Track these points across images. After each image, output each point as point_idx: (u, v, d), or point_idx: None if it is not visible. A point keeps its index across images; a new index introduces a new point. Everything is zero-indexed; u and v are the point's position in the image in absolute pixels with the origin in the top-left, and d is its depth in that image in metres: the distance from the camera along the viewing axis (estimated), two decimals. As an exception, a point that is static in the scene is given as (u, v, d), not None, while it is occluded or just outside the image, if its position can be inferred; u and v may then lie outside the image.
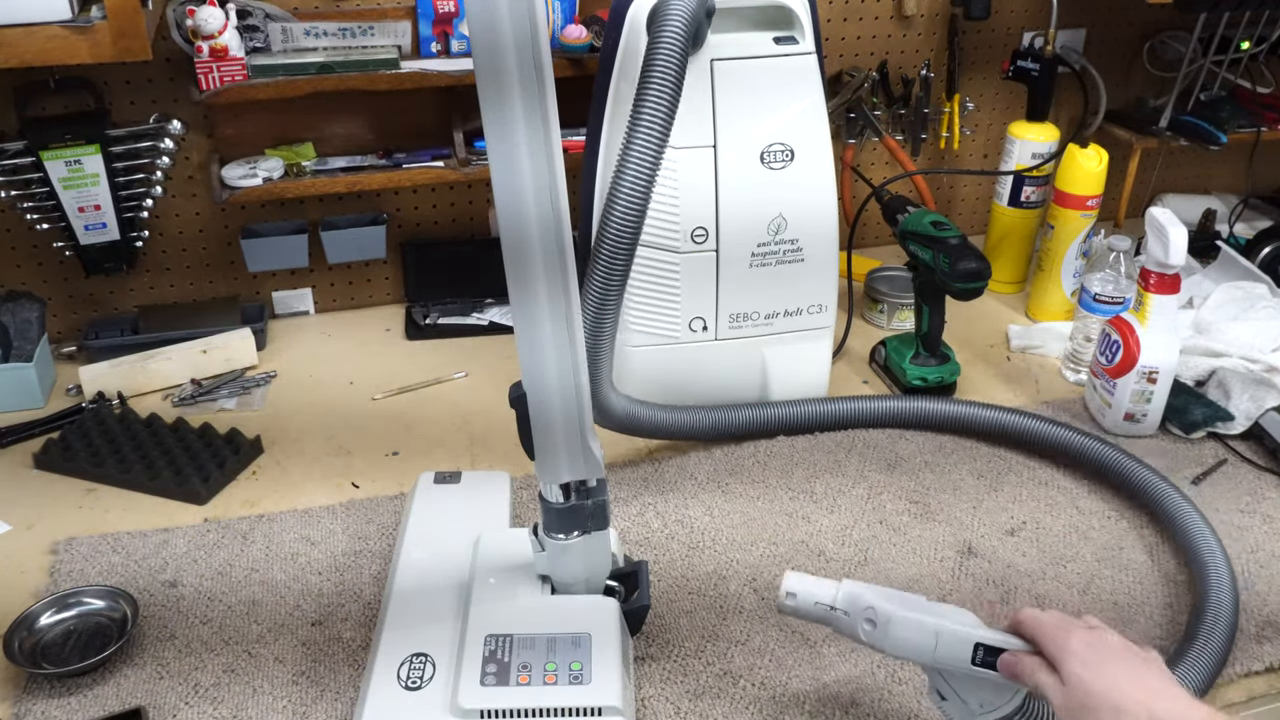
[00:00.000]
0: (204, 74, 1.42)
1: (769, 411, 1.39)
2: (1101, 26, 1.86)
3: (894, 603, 0.89)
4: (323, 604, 1.14)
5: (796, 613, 0.93)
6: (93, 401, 1.47)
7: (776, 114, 1.31)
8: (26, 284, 1.58)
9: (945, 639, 0.86)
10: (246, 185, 1.52)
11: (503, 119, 0.81)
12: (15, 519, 1.27)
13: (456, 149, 1.58)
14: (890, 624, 0.88)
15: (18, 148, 1.43)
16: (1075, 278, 1.68)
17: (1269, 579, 1.18)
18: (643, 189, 1.09)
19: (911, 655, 0.88)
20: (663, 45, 1.09)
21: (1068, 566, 1.21)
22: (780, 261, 1.35)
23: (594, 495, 1.00)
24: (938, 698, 0.90)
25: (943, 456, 1.38)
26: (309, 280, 1.71)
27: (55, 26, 1.18)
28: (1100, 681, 0.78)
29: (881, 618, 0.88)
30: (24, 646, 1.07)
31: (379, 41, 1.54)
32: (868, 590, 0.90)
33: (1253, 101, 1.88)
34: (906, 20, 1.76)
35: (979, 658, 0.86)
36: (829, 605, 0.91)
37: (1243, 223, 1.93)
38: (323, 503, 1.30)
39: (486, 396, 1.51)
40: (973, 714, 0.88)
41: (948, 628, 0.87)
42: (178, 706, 1.02)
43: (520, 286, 0.88)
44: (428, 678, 0.95)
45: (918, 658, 0.88)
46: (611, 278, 1.13)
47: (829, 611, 0.91)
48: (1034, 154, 1.69)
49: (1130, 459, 1.29)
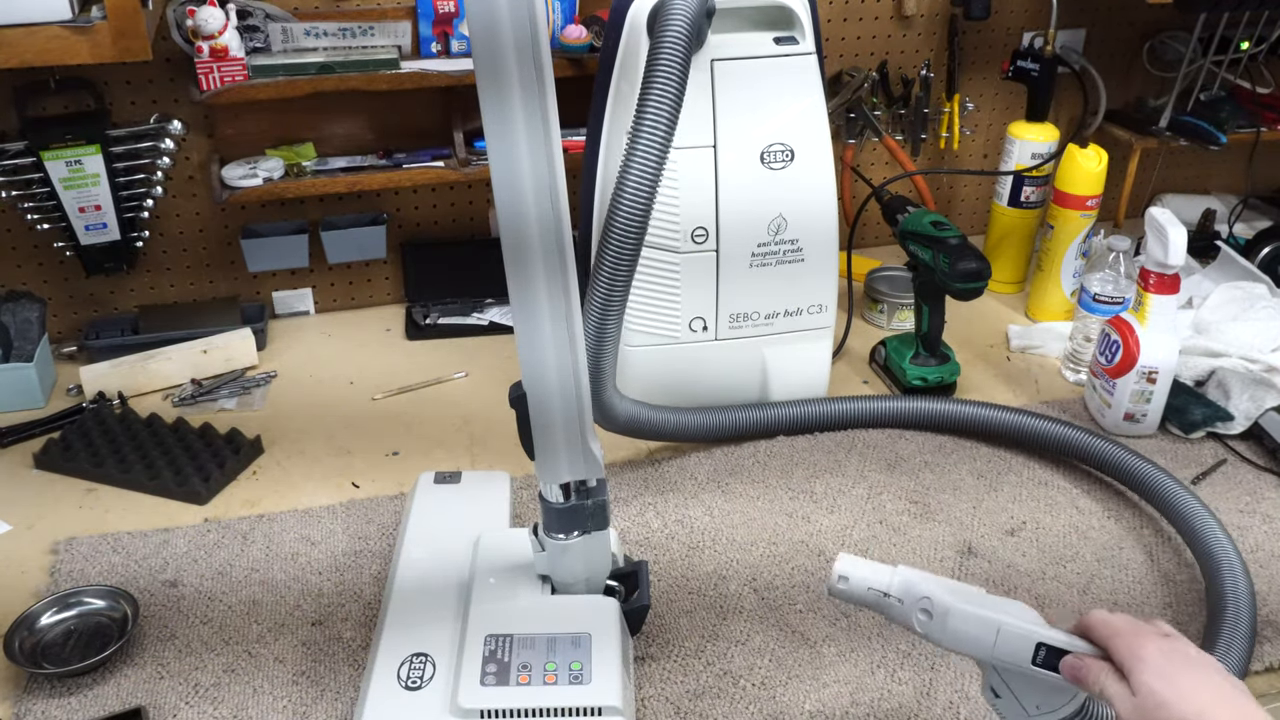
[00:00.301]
0: (204, 74, 1.42)
1: (769, 412, 1.39)
2: (1101, 26, 1.86)
3: (952, 594, 0.84)
4: (323, 604, 1.14)
5: (847, 597, 0.88)
6: (93, 401, 1.48)
7: (776, 114, 1.31)
8: (27, 284, 1.58)
9: (1006, 636, 0.82)
10: (247, 185, 1.52)
11: (502, 118, 0.81)
12: (16, 519, 1.27)
13: (456, 149, 1.58)
14: (949, 616, 0.83)
15: (18, 148, 1.43)
16: (1075, 278, 1.68)
17: (1269, 579, 1.18)
18: (647, 191, 1.09)
19: (968, 650, 0.84)
20: (666, 46, 1.09)
21: (1067, 566, 1.21)
22: (780, 261, 1.35)
23: (594, 495, 1.00)
24: (991, 694, 0.86)
25: (943, 456, 1.38)
26: (309, 280, 1.71)
27: (55, 26, 1.18)
28: (1173, 693, 0.73)
29: (939, 609, 0.84)
30: (24, 646, 1.07)
31: (379, 41, 1.54)
32: (924, 578, 0.86)
33: (1252, 101, 1.88)
34: (906, 20, 1.77)
35: (1040, 658, 0.82)
36: (882, 592, 0.86)
37: (1242, 223, 1.93)
38: (323, 503, 1.30)
39: (486, 396, 1.51)
40: (1027, 714, 0.85)
41: (1009, 624, 0.82)
42: (178, 706, 1.02)
43: (520, 286, 0.88)
44: (428, 678, 0.95)
45: (975, 653, 0.84)
46: (616, 280, 1.13)
47: (881, 598, 0.87)
48: (1034, 154, 1.69)
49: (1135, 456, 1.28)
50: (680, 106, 1.10)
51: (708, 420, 1.36)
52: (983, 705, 1.03)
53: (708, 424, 1.36)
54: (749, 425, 1.38)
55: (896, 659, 1.08)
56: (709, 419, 1.36)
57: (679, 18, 1.10)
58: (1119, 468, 1.29)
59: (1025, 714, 0.85)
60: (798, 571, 1.19)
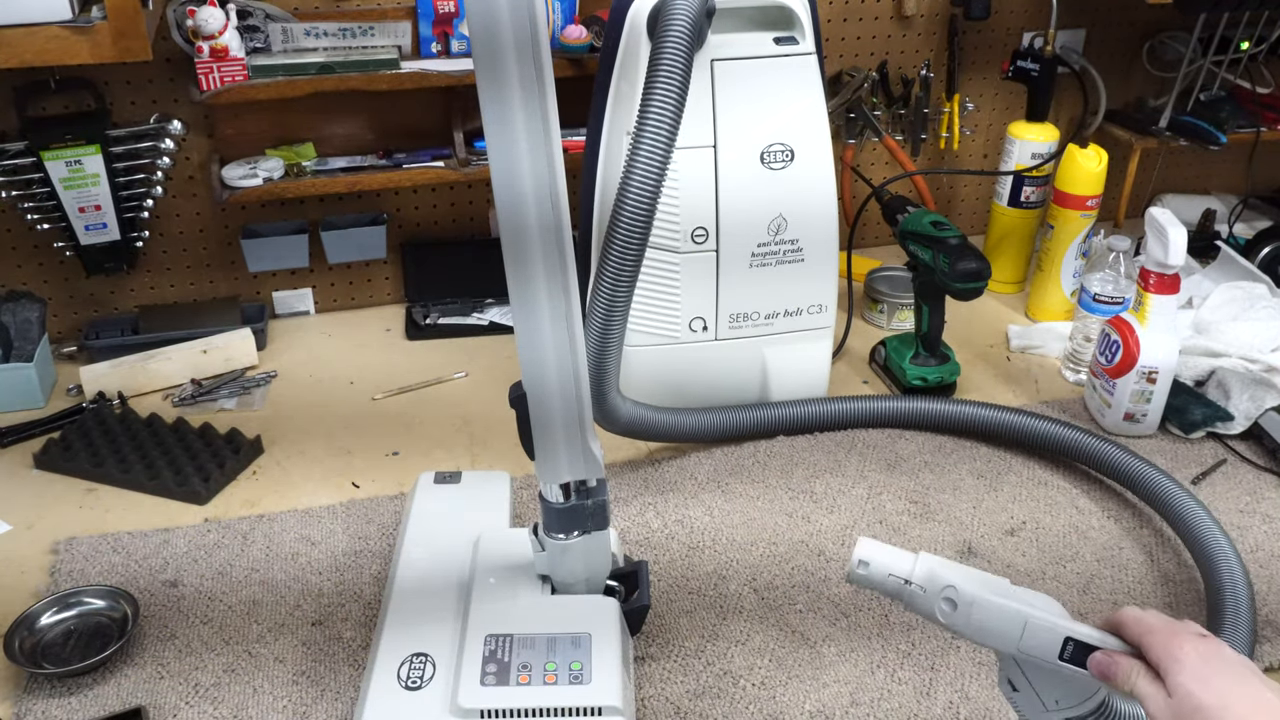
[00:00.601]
0: (204, 74, 1.42)
1: (770, 412, 1.39)
2: (1101, 26, 1.86)
3: (978, 584, 0.82)
4: (323, 604, 1.14)
5: (867, 583, 0.86)
6: (93, 401, 1.48)
7: (776, 114, 1.31)
8: (27, 284, 1.58)
9: (1033, 629, 0.79)
10: (247, 185, 1.52)
11: (502, 118, 0.81)
12: (16, 519, 1.27)
13: (456, 149, 1.58)
14: (974, 607, 0.80)
15: (18, 148, 1.43)
16: (1075, 278, 1.68)
17: (1269, 579, 1.18)
18: (651, 192, 1.09)
19: (993, 642, 0.82)
20: (668, 46, 1.09)
21: (1067, 566, 1.21)
22: (780, 261, 1.35)
23: (594, 495, 1.00)
24: (1009, 688, 0.85)
25: (942, 456, 1.38)
26: (309, 280, 1.71)
27: (56, 27, 1.19)
28: (1211, 697, 0.71)
29: (964, 599, 0.81)
30: (24, 646, 1.07)
31: (379, 42, 1.54)
32: (948, 567, 0.83)
33: (1252, 101, 1.88)
34: (906, 20, 1.77)
35: (1067, 653, 0.79)
36: (904, 579, 0.84)
37: (1242, 223, 1.93)
38: (323, 503, 1.30)
39: (486, 396, 1.51)
40: (1045, 710, 0.83)
41: (1036, 617, 0.80)
42: (178, 706, 1.02)
43: (520, 285, 0.88)
44: (428, 677, 0.95)
45: (1000, 645, 0.82)
46: (620, 283, 1.13)
47: (903, 586, 0.84)
48: (1034, 154, 1.69)
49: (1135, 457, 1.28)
50: (683, 107, 1.10)
51: (708, 420, 1.36)
52: (983, 706, 1.03)
53: (708, 424, 1.36)
54: (749, 425, 1.38)
55: (896, 659, 1.08)
56: (709, 419, 1.36)
57: (680, 18, 1.10)
58: (1117, 468, 1.29)
59: (1043, 708, 0.83)
60: (798, 571, 1.19)
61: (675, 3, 1.11)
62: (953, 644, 1.09)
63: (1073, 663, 0.79)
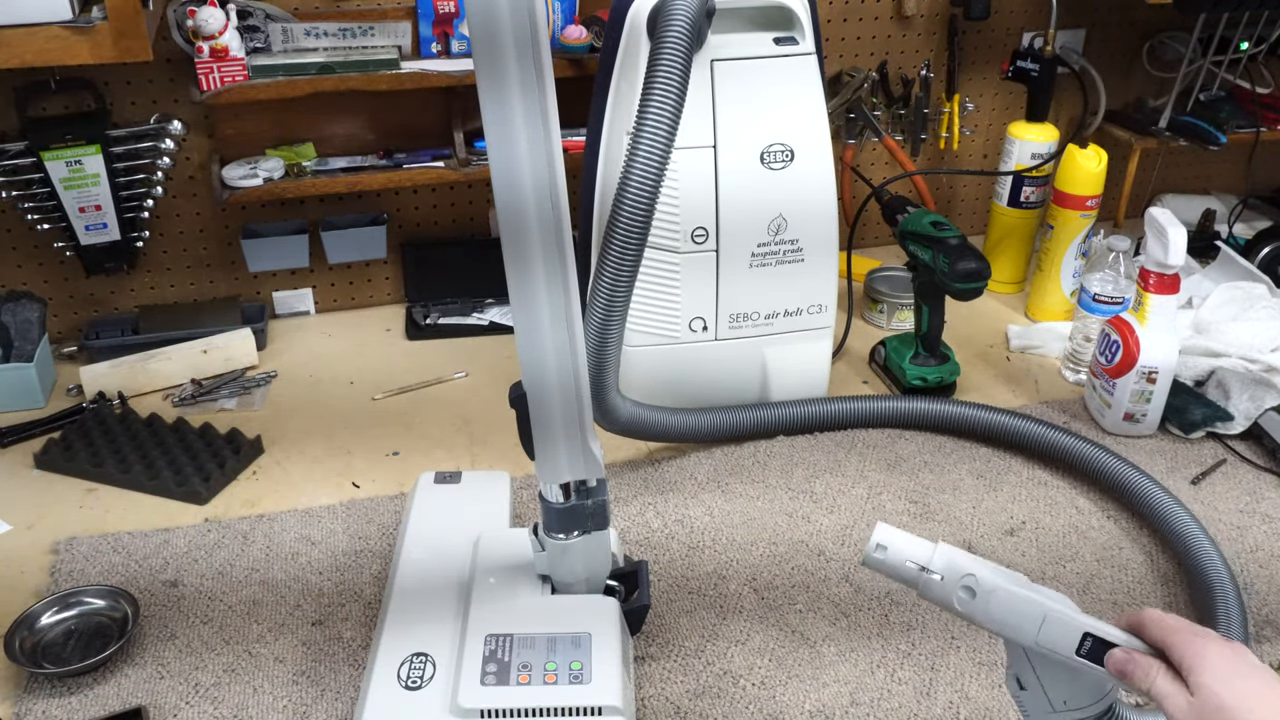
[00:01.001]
0: (204, 74, 1.42)
1: (770, 412, 1.39)
2: (1101, 27, 1.86)
3: (998, 574, 0.81)
4: (323, 604, 1.14)
5: (883, 568, 0.85)
6: (93, 401, 1.48)
7: (776, 114, 1.31)
8: (27, 284, 1.58)
9: (1051, 623, 0.78)
10: (247, 185, 1.52)
11: (502, 118, 0.81)
12: (16, 519, 1.27)
13: (456, 149, 1.58)
14: (993, 596, 0.79)
15: (19, 148, 1.43)
16: (1075, 278, 1.68)
17: (1269, 579, 1.18)
18: (650, 192, 1.09)
19: (1010, 633, 0.81)
20: (667, 46, 1.09)
21: (1067, 566, 1.21)
22: (780, 261, 1.36)
23: (594, 495, 1.00)
24: (1016, 685, 0.84)
25: (942, 457, 1.38)
26: (309, 280, 1.71)
27: (56, 27, 1.19)
28: (1235, 699, 0.70)
29: (983, 588, 0.80)
30: (25, 646, 1.07)
31: (379, 42, 1.54)
32: (967, 558, 0.82)
33: (1252, 102, 1.88)
34: (906, 20, 1.77)
35: (1085, 649, 0.78)
36: (921, 566, 0.82)
37: (1242, 223, 1.93)
38: (323, 503, 1.30)
39: (486, 396, 1.51)
40: (1052, 710, 0.82)
41: (1055, 610, 0.79)
42: (178, 706, 1.02)
43: (520, 285, 0.88)
44: (428, 677, 0.95)
45: (1017, 637, 0.81)
46: (619, 282, 1.13)
47: (919, 572, 0.82)
48: (1034, 154, 1.69)
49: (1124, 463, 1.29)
50: (682, 107, 1.10)
51: (708, 420, 1.36)
52: (983, 706, 1.03)
53: (708, 424, 1.36)
54: (749, 425, 1.38)
55: (896, 659, 1.08)
56: (709, 419, 1.36)
57: (680, 18, 1.10)
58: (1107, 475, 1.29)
59: (1050, 709, 0.82)
60: (798, 571, 1.19)
61: (675, 3, 1.11)
62: (953, 644, 1.10)
63: (1089, 659, 0.78)
